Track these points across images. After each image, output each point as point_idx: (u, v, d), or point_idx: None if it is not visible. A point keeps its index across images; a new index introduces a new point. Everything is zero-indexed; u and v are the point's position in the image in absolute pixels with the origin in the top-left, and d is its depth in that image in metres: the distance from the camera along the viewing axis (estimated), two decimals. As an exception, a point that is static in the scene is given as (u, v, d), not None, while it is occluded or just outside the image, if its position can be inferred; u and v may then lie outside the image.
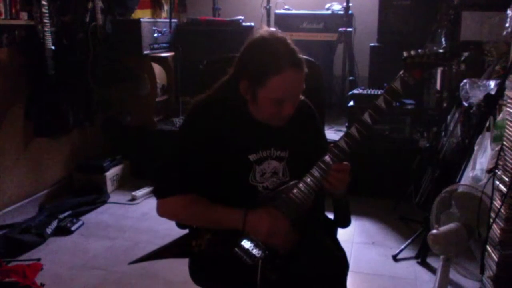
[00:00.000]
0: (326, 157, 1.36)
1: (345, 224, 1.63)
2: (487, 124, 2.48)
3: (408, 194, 3.25)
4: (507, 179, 1.92)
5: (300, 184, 1.38)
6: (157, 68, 4.06)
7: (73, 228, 3.01)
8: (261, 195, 1.47)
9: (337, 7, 4.34)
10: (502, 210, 1.93)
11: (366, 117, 1.34)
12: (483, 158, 2.42)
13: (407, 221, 3.13)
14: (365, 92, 3.58)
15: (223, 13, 4.78)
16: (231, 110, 1.45)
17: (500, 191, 1.97)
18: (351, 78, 4.18)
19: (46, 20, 2.95)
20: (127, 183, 3.82)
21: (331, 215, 1.65)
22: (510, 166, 1.92)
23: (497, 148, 2.06)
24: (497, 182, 1.98)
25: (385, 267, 2.63)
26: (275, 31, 1.41)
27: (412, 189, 3.23)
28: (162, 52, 4.10)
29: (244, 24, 4.20)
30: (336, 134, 3.66)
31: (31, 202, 3.25)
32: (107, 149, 3.98)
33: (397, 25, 3.92)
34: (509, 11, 2.69)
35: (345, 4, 4.18)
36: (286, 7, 4.54)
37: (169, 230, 2.14)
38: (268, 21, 4.33)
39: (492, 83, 2.62)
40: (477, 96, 2.66)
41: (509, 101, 2.01)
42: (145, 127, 3.99)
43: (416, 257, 2.69)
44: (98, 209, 3.37)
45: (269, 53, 1.34)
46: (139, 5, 4.13)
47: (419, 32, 3.75)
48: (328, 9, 4.38)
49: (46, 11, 2.94)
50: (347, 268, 1.52)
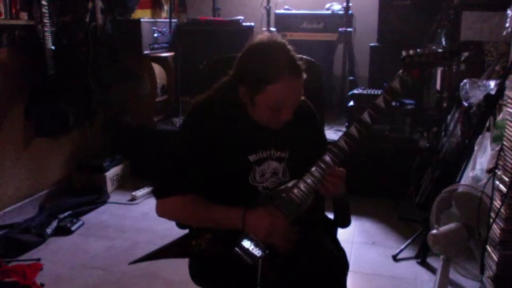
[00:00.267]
0: (326, 157, 1.36)
1: (345, 224, 1.63)
2: (487, 124, 2.48)
3: (408, 194, 3.25)
4: (507, 179, 1.92)
5: (300, 184, 1.38)
6: (157, 68, 4.06)
7: (73, 228, 3.01)
8: (261, 195, 1.47)
9: (337, 7, 4.34)
10: (502, 210, 1.93)
11: (366, 116, 1.34)
12: (483, 158, 2.42)
13: (407, 221, 3.13)
14: (365, 92, 3.57)
15: (223, 13, 4.78)
16: (231, 111, 1.45)
17: (500, 191, 1.97)
18: (351, 78, 4.18)
19: (46, 20, 2.95)
20: (127, 183, 3.82)
21: (331, 215, 1.65)
22: (510, 166, 1.92)
23: (497, 148, 2.06)
24: (497, 182, 1.98)
25: (385, 267, 2.63)
26: (275, 36, 1.40)
27: (412, 189, 3.23)
28: (162, 52, 4.11)
29: (244, 24, 4.20)
30: (336, 134, 3.66)
31: (31, 202, 3.25)
32: (107, 149, 3.98)
33: (397, 25, 3.92)
34: (509, 11, 2.69)
35: (345, 4, 4.19)
36: (286, 7, 4.54)
37: (169, 230, 2.14)
38: (268, 21, 4.33)
39: (492, 83, 2.62)
40: (477, 96, 2.66)
41: (509, 101, 2.01)
42: (145, 127, 3.99)
43: (416, 257, 2.69)
44: (98, 209, 3.37)
45: (267, 60, 1.33)
46: (139, 5, 4.13)
47: (419, 32, 3.75)
48: (328, 9, 4.38)
49: (46, 11, 2.94)
50: (347, 268, 1.52)
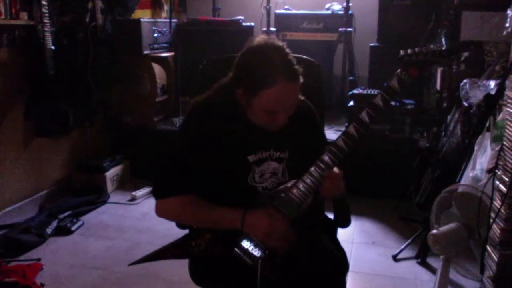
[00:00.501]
0: (325, 157, 1.36)
1: (345, 224, 1.63)
2: (487, 124, 2.48)
3: (408, 194, 3.25)
4: (507, 179, 1.92)
5: (299, 184, 1.38)
6: (157, 68, 4.06)
7: (73, 228, 3.01)
8: (260, 195, 1.47)
9: (337, 7, 4.34)
10: (502, 210, 1.93)
11: (364, 115, 1.34)
12: (483, 158, 2.42)
13: (407, 221, 3.13)
14: (365, 92, 3.57)
15: (223, 13, 4.78)
16: (230, 111, 1.44)
17: (500, 191, 1.96)
18: (351, 78, 4.18)
19: (46, 20, 2.95)
20: (127, 183, 3.82)
21: (331, 215, 1.65)
22: (510, 166, 1.92)
23: (497, 148, 2.06)
24: (497, 182, 1.98)
25: (385, 267, 2.63)
26: (273, 39, 1.40)
27: (412, 189, 3.23)
28: (162, 52, 4.11)
29: (244, 24, 4.21)
30: (336, 134, 3.65)
31: (31, 202, 3.25)
32: (107, 149, 3.98)
33: (397, 25, 3.92)
34: (509, 11, 2.69)
35: (345, 4, 4.19)
36: (286, 7, 4.54)
37: (169, 230, 2.15)
38: (268, 21, 4.32)
39: (492, 83, 2.62)
40: (477, 96, 2.66)
41: (509, 101, 2.01)
42: (145, 127, 3.99)
43: (416, 257, 2.69)
44: (98, 209, 3.37)
45: (263, 64, 1.32)
46: (139, 5, 4.13)
47: (419, 32, 3.75)
48: (328, 9, 4.38)
49: (46, 11, 2.94)
50: (347, 268, 1.52)
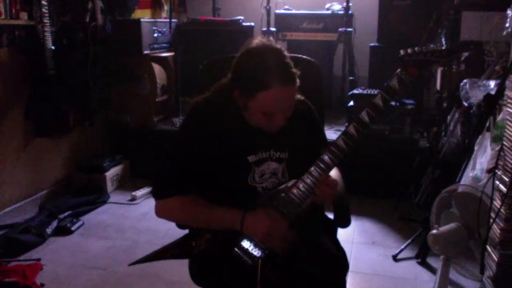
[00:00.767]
0: (325, 157, 1.36)
1: (345, 224, 1.63)
2: (487, 124, 2.48)
3: (408, 194, 3.25)
4: (507, 179, 1.92)
5: (299, 184, 1.38)
6: (157, 68, 4.06)
7: (73, 228, 3.01)
8: (260, 195, 1.47)
9: (337, 7, 4.34)
10: (502, 210, 1.93)
11: (364, 115, 1.34)
12: (483, 158, 2.42)
13: (407, 221, 3.13)
14: (365, 92, 3.57)
15: (223, 13, 4.78)
16: (229, 112, 1.44)
17: (500, 191, 1.96)
18: (351, 78, 4.18)
19: (46, 20, 2.95)
20: (127, 183, 3.82)
21: (331, 215, 1.65)
22: (510, 166, 1.92)
23: (497, 148, 2.06)
24: (497, 182, 1.98)
25: (385, 267, 2.63)
26: (271, 42, 1.40)
27: (412, 189, 3.23)
28: (162, 52, 4.11)
29: (244, 24, 4.20)
30: (336, 134, 3.65)
31: (31, 202, 3.25)
32: (107, 149, 3.98)
33: (397, 25, 3.92)
34: (509, 11, 2.69)
35: (345, 4, 4.18)
36: (286, 7, 4.54)
37: (169, 230, 2.15)
38: (268, 21, 4.32)
39: (492, 83, 2.62)
40: (477, 96, 2.66)
41: (509, 101, 2.01)
42: (145, 127, 3.99)
43: (416, 257, 2.69)
44: (98, 209, 3.37)
45: (259, 67, 1.32)
46: (139, 5, 4.13)
47: (419, 32, 3.75)
48: (328, 9, 4.38)
49: (46, 11, 2.94)
50: (347, 268, 1.52)
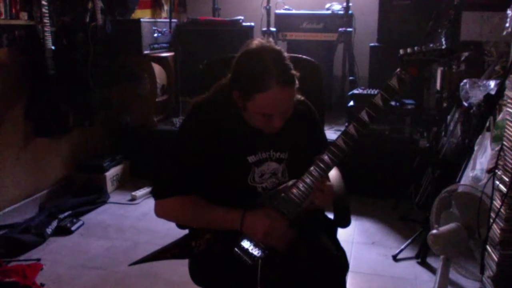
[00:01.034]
0: (325, 157, 1.36)
1: (345, 224, 1.63)
2: (487, 124, 2.48)
3: (408, 194, 3.25)
4: (507, 179, 1.92)
5: (299, 184, 1.38)
6: (157, 68, 4.06)
7: (73, 228, 3.01)
8: (260, 195, 1.47)
9: (337, 7, 4.34)
10: (502, 210, 1.93)
11: (364, 115, 1.34)
12: (483, 158, 2.42)
13: (407, 221, 3.13)
14: (365, 92, 3.57)
15: (223, 13, 4.78)
16: (229, 112, 1.44)
17: (500, 191, 1.97)
18: (351, 78, 4.18)
19: (46, 20, 2.94)
20: (127, 183, 3.82)
21: (331, 215, 1.65)
22: (510, 166, 1.92)
23: (497, 148, 2.06)
24: (497, 182, 1.98)
25: (385, 267, 2.63)
26: (270, 43, 1.39)
27: (412, 189, 3.23)
28: (162, 52, 4.11)
29: (244, 24, 4.20)
30: (336, 134, 3.61)
31: (31, 202, 3.25)
32: (107, 149, 3.98)
33: (397, 25, 3.92)
34: (509, 11, 2.69)
35: (345, 4, 4.18)
36: (286, 7, 4.54)
37: (169, 230, 2.15)
38: (268, 21, 4.32)
39: (492, 83, 2.62)
40: (477, 96, 2.66)
41: (509, 101, 2.01)
42: (145, 127, 3.99)
43: (416, 257, 2.69)
44: (98, 209, 3.37)
45: (258, 68, 1.32)
46: (139, 5, 4.12)
47: (419, 32, 3.75)
48: (328, 9, 4.38)
49: (46, 11, 2.94)
50: (347, 268, 1.52)
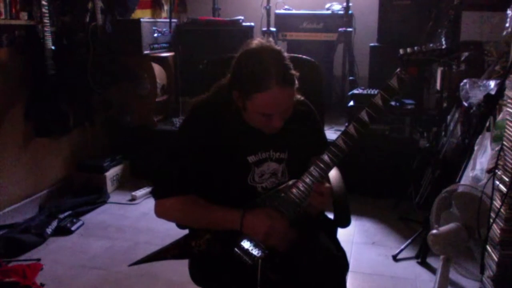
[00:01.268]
0: (325, 156, 1.35)
1: (345, 224, 1.63)
2: (487, 124, 2.48)
3: (408, 194, 3.25)
4: (507, 179, 1.93)
5: (299, 184, 1.38)
6: (157, 68, 4.06)
7: (73, 228, 3.01)
8: (260, 195, 1.47)
9: (337, 7, 4.34)
10: (502, 210, 1.93)
11: (363, 115, 1.34)
12: (483, 158, 2.42)
13: (407, 221, 3.13)
14: (365, 92, 3.57)
15: (223, 13, 4.78)
16: (229, 112, 1.44)
17: (500, 191, 1.97)
18: (351, 78, 4.18)
19: (46, 20, 2.95)
20: (127, 183, 3.82)
21: (331, 215, 1.65)
22: (510, 166, 1.92)
23: (497, 148, 2.06)
24: (497, 182, 1.98)
25: (385, 267, 2.63)
26: (270, 43, 1.40)
27: (412, 189, 3.23)
28: (162, 52, 4.11)
29: (244, 24, 4.20)
30: (336, 134, 3.61)
31: (31, 202, 3.25)
32: (107, 149, 3.98)
33: (397, 25, 3.91)
34: (509, 11, 2.69)
35: (345, 4, 4.18)
36: (286, 7, 4.54)
37: (169, 230, 2.15)
38: (268, 21, 4.32)
39: (492, 83, 2.62)
40: (477, 96, 2.66)
41: (509, 101, 2.01)
42: (145, 127, 3.99)
43: (416, 257, 2.69)
44: (98, 209, 3.37)
45: (257, 68, 1.32)
46: (139, 5, 4.13)
47: (419, 32, 3.75)
48: (328, 9, 4.38)
49: (46, 11, 2.94)
50: (347, 268, 1.52)
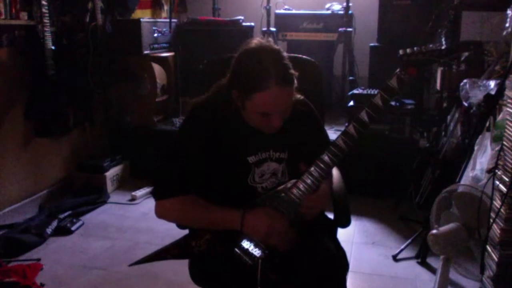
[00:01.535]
0: (325, 156, 1.35)
1: (345, 224, 1.63)
2: (487, 124, 2.48)
3: (408, 194, 3.25)
4: (507, 179, 1.93)
5: (299, 184, 1.38)
6: (157, 68, 4.06)
7: (73, 228, 3.01)
8: (260, 195, 1.47)
9: (337, 7, 4.34)
10: (502, 210, 1.93)
11: (363, 115, 1.34)
12: (483, 158, 2.42)
13: (407, 221, 3.13)
14: (365, 92, 3.57)
15: (223, 13, 4.78)
16: (229, 112, 1.44)
17: (500, 191, 1.97)
18: (351, 78, 4.18)
19: (46, 20, 2.95)
20: (127, 183, 3.82)
21: (331, 215, 1.65)
22: (510, 166, 1.92)
23: (497, 148, 2.06)
24: (497, 182, 1.98)
25: (385, 267, 2.63)
26: (269, 43, 1.40)
27: (412, 189, 3.23)
28: (162, 52, 4.11)
29: (244, 24, 4.20)
30: (336, 134, 3.59)
31: (31, 202, 3.25)
32: (107, 149, 3.98)
33: (397, 25, 3.92)
34: (509, 11, 2.70)
35: (345, 4, 4.18)
36: (286, 7, 4.54)
37: (169, 230, 2.15)
38: (268, 21, 4.32)
39: (492, 83, 2.62)
40: (477, 96, 2.66)
41: (509, 101, 2.01)
42: (145, 127, 3.99)
43: (416, 257, 2.69)
44: (98, 209, 3.37)
45: (257, 67, 1.32)
46: (139, 5, 4.13)
47: (419, 32, 3.75)
48: (328, 9, 4.38)
49: (46, 11, 2.94)
50: (347, 268, 1.52)
